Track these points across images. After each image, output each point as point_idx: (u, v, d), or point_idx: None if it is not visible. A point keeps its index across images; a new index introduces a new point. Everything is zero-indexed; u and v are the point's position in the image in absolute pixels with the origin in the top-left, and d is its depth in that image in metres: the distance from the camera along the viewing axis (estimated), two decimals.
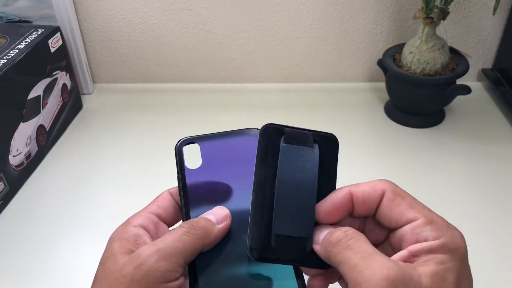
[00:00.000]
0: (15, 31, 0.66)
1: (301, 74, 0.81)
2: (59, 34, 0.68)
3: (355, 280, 0.25)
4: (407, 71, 0.67)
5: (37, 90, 0.64)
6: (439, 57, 0.66)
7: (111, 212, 0.56)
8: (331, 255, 0.27)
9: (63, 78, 0.71)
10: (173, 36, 0.78)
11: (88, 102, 0.78)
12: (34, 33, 0.65)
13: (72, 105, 0.73)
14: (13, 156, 0.59)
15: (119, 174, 0.63)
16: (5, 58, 0.59)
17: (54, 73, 0.68)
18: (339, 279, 0.31)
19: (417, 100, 0.68)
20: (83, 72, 0.78)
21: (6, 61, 0.58)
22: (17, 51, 0.61)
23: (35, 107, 0.64)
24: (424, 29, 0.65)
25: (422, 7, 0.65)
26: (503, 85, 0.74)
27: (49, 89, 0.67)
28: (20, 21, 0.73)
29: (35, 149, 0.63)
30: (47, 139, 0.66)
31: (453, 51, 0.69)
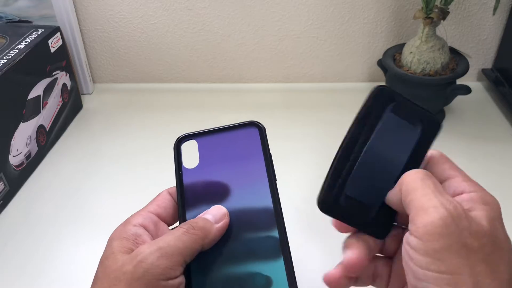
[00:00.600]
0: (15, 31, 0.66)
1: (301, 74, 0.81)
2: (59, 34, 0.68)
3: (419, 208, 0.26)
4: (407, 71, 0.67)
5: (37, 90, 0.64)
6: (439, 57, 0.66)
7: (110, 211, 0.56)
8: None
9: (63, 78, 0.71)
10: (173, 36, 0.78)
11: (88, 102, 0.78)
12: (34, 33, 0.65)
13: (72, 105, 0.73)
14: (13, 156, 0.59)
15: (119, 174, 0.63)
16: (5, 58, 0.59)
17: (54, 73, 0.68)
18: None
19: (417, 100, 0.67)
20: (83, 72, 0.78)
21: (6, 61, 0.58)
22: (17, 51, 0.61)
23: (35, 107, 0.64)
24: (424, 29, 0.65)
25: (422, 7, 0.65)
26: (503, 85, 0.74)
27: (49, 89, 0.67)
28: (20, 21, 0.73)
29: (35, 149, 0.63)
30: (47, 139, 0.66)
31: (453, 51, 0.69)
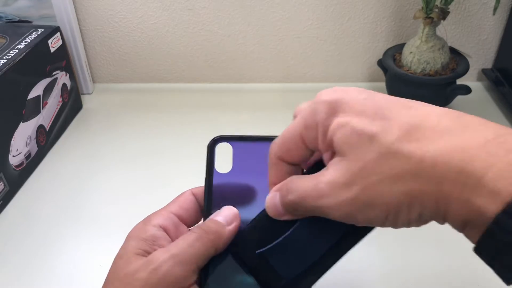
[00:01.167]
0: (15, 31, 0.66)
1: (301, 74, 0.81)
2: (59, 34, 0.68)
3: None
4: (407, 71, 0.67)
5: (37, 90, 0.64)
6: (439, 57, 0.66)
7: (111, 212, 0.56)
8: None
9: (63, 78, 0.71)
10: (173, 36, 0.78)
11: (88, 102, 0.78)
12: (34, 33, 0.65)
13: (72, 105, 0.73)
14: (13, 156, 0.59)
15: (119, 174, 0.63)
16: (5, 58, 0.59)
17: (54, 73, 0.68)
18: None
19: (417, 100, 0.67)
20: (83, 72, 0.78)
21: (6, 61, 0.58)
22: (17, 51, 0.61)
23: (35, 107, 0.64)
24: (424, 29, 0.65)
25: (422, 7, 0.65)
26: (503, 85, 0.74)
27: (49, 89, 0.67)
28: (20, 21, 0.73)
29: (35, 149, 0.63)
30: (47, 139, 0.66)
31: (453, 51, 0.69)
